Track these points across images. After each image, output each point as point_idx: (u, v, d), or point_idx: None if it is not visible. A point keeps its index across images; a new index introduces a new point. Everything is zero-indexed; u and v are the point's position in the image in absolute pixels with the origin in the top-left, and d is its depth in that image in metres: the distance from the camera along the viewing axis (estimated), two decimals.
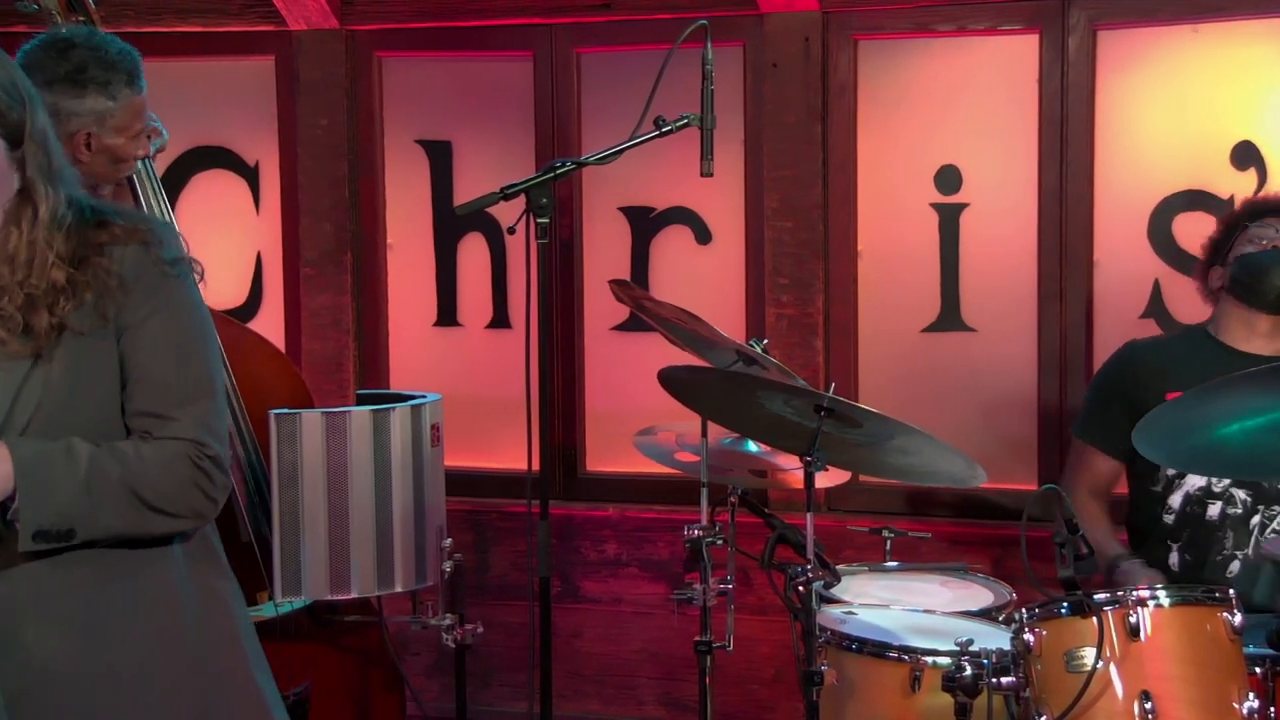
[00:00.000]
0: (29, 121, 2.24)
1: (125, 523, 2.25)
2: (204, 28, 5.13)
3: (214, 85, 5.21)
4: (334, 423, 3.49)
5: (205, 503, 2.32)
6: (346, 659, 3.73)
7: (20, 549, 2.18)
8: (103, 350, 2.26)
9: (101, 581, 2.26)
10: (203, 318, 2.38)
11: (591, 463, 5.07)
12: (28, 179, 2.25)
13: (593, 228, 5.03)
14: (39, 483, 2.16)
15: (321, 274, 5.12)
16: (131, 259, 2.29)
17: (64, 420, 2.22)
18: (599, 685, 4.97)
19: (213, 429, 2.33)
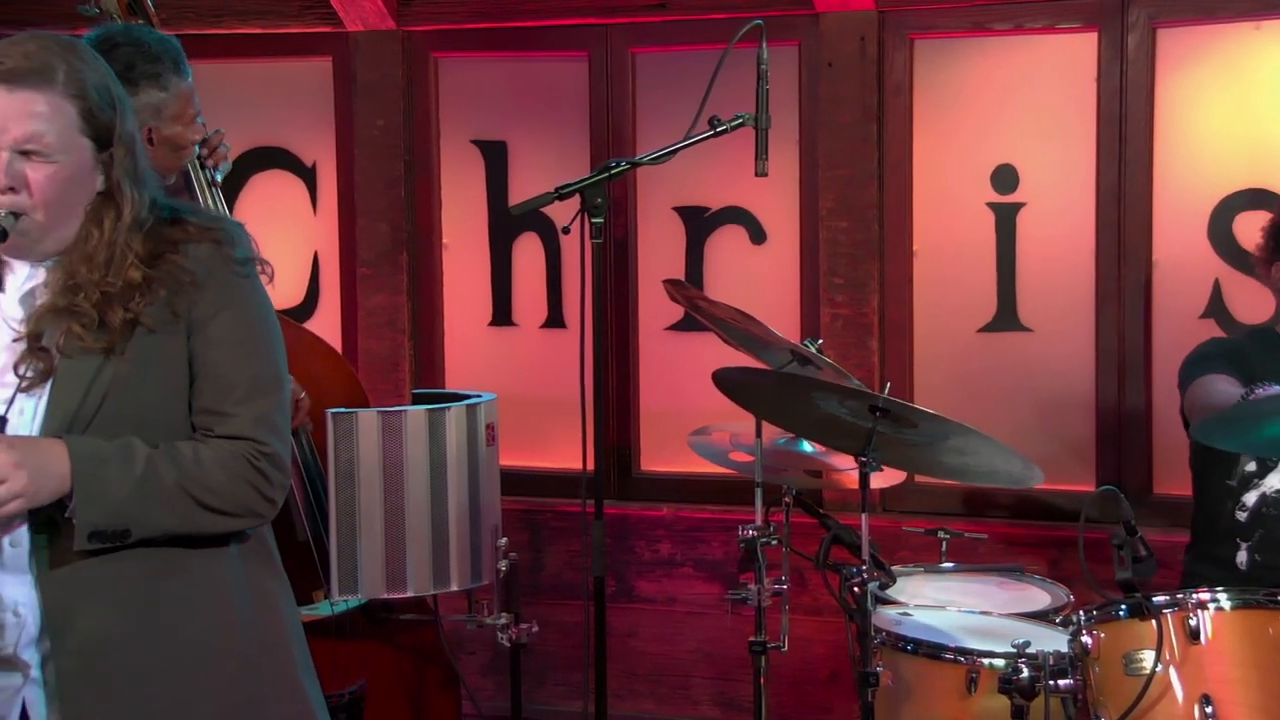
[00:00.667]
0: (118, 124, 2.28)
1: (180, 522, 2.27)
2: (263, 29, 5.17)
3: (272, 86, 5.25)
4: (390, 422, 3.51)
5: (262, 502, 2.34)
6: (402, 657, 3.75)
7: (76, 548, 2.20)
8: (172, 346, 2.29)
9: (157, 577, 2.28)
10: (270, 317, 2.41)
11: (646, 462, 5.07)
12: (113, 180, 2.28)
13: (647, 227, 5.03)
14: (95, 483, 2.19)
15: (378, 274, 5.14)
16: (205, 257, 2.32)
17: (131, 414, 2.25)
18: (653, 685, 4.97)
19: (274, 427, 2.35)
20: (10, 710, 2.25)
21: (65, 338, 2.23)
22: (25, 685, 2.25)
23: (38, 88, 2.20)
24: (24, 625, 2.23)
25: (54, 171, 2.22)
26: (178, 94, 3.06)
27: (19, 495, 2.14)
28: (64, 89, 2.22)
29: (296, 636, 2.50)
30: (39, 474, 2.15)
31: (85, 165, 2.26)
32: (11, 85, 2.19)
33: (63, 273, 2.26)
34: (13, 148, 2.19)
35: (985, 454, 3.24)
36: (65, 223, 2.26)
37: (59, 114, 2.22)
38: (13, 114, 2.19)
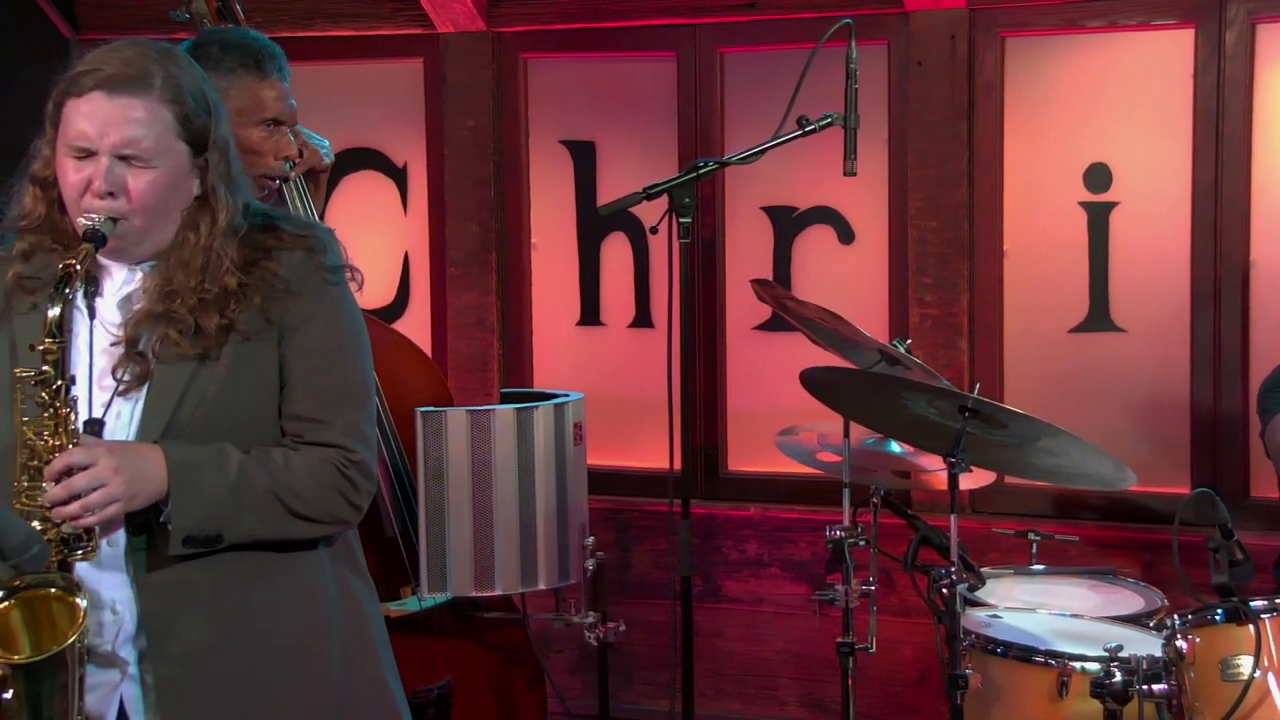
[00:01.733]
0: (213, 129, 2.31)
1: (270, 529, 2.30)
2: (355, 31, 5.22)
3: (364, 88, 5.30)
4: (478, 420, 3.53)
5: (348, 509, 2.37)
6: (490, 655, 3.77)
7: (170, 552, 2.24)
8: (265, 352, 2.32)
9: (249, 580, 2.31)
10: (358, 325, 2.43)
11: (733, 462, 5.06)
12: (208, 185, 2.31)
13: (735, 227, 5.02)
14: (190, 489, 2.22)
15: (467, 273, 5.18)
16: (297, 264, 2.34)
17: (224, 419, 2.28)
18: (740, 685, 4.97)
19: (362, 435, 2.37)
20: (109, 706, 2.28)
21: (161, 343, 2.26)
22: (122, 682, 2.29)
23: (136, 94, 2.23)
24: (121, 623, 2.27)
25: (153, 178, 2.25)
26: (243, 89, 3.01)
27: (117, 500, 2.17)
28: (161, 94, 2.25)
29: (382, 638, 2.52)
30: (137, 479, 2.19)
31: (182, 170, 2.29)
32: (111, 92, 2.22)
33: (160, 278, 2.29)
34: (112, 153, 2.22)
35: (1076, 455, 3.21)
36: (162, 227, 2.29)
37: (156, 119, 2.25)
38: (112, 120, 2.22)
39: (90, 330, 2.28)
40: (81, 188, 2.23)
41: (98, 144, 2.22)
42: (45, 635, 2.14)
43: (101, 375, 2.28)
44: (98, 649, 2.26)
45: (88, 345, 2.28)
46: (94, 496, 2.15)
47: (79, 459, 2.15)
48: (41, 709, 2.14)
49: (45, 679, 2.13)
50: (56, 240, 2.31)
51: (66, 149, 2.24)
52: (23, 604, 2.14)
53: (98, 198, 2.23)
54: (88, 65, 2.25)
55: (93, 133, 2.22)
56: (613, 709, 4.03)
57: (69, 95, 2.25)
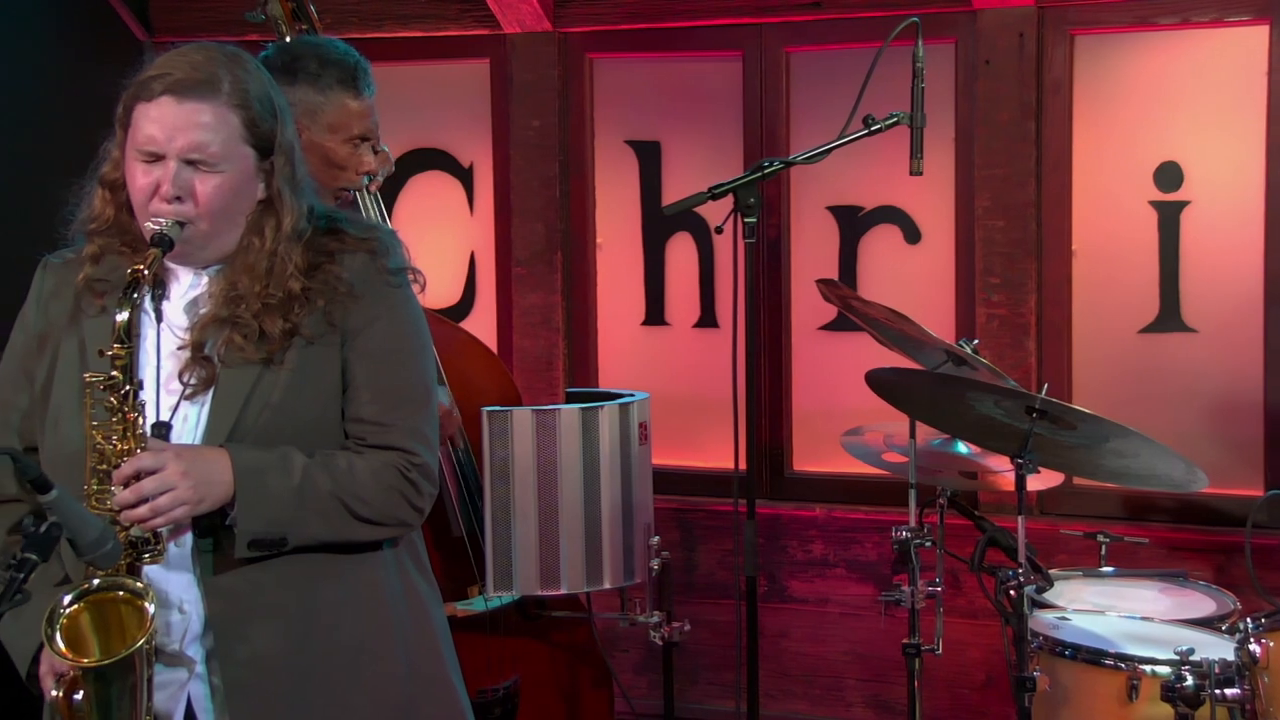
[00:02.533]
0: (279, 133, 2.32)
1: (333, 531, 2.31)
2: (423, 33, 5.25)
3: (431, 89, 5.33)
4: (544, 420, 3.54)
5: (410, 512, 2.38)
6: (556, 654, 3.78)
7: (236, 555, 2.26)
8: (328, 356, 2.33)
9: (314, 581, 2.33)
10: (421, 328, 2.44)
11: (798, 462, 5.05)
12: (273, 189, 2.32)
13: (801, 227, 5.01)
14: (256, 492, 2.24)
15: (532, 273, 5.20)
16: (360, 267, 2.36)
17: (288, 422, 2.30)
18: (806, 685, 4.95)
19: (423, 437, 2.38)
20: (177, 705, 2.31)
21: (226, 347, 2.28)
22: (190, 681, 2.31)
23: (204, 98, 2.25)
24: (188, 623, 2.29)
25: (220, 182, 2.26)
26: (339, 106, 3.05)
27: (185, 503, 2.19)
28: (228, 99, 2.27)
29: (446, 638, 2.53)
30: (204, 483, 2.21)
31: (248, 174, 2.30)
32: (179, 96, 2.24)
33: (225, 283, 2.31)
34: (179, 157, 2.24)
35: (1146, 457, 3.17)
36: (228, 231, 2.31)
37: (223, 124, 2.26)
38: (180, 124, 2.24)
39: (158, 334, 2.31)
40: (149, 191, 2.25)
41: (166, 148, 2.24)
42: (114, 638, 2.17)
43: (168, 379, 2.30)
44: (165, 648, 2.28)
45: (155, 349, 2.30)
46: (162, 500, 2.17)
47: (147, 463, 2.18)
48: (111, 711, 2.16)
49: (114, 681, 2.16)
50: (124, 243, 2.33)
51: (135, 153, 2.26)
52: (92, 607, 2.17)
53: (165, 202, 2.25)
54: (157, 70, 2.27)
55: (161, 137, 2.24)
56: (678, 708, 4.03)
57: (138, 99, 2.27)
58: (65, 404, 2.28)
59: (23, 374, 2.38)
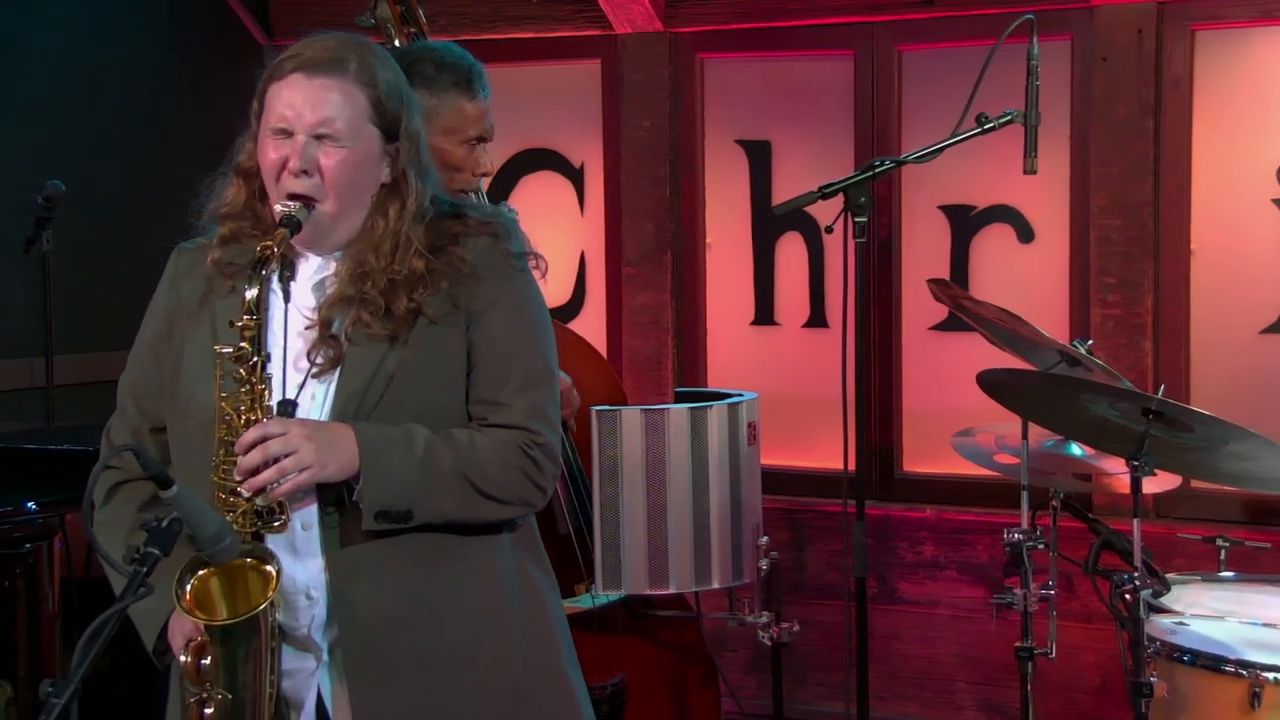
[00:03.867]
0: (405, 118, 2.38)
1: (458, 507, 2.34)
2: (535, 34, 5.29)
3: (543, 89, 5.37)
4: (653, 419, 3.55)
5: (533, 490, 2.39)
6: (663, 653, 3.79)
7: (364, 527, 2.29)
8: (452, 336, 2.36)
9: (434, 561, 2.35)
10: (542, 310, 2.47)
11: (909, 463, 5.02)
12: (398, 171, 2.38)
13: (912, 226, 4.98)
14: (381, 463, 2.27)
15: (642, 273, 5.21)
16: (483, 249, 2.39)
17: (412, 400, 2.33)
18: (916, 688, 4.92)
19: (545, 417, 2.40)
20: (308, 692, 2.35)
21: (353, 326, 2.33)
22: (318, 668, 2.35)
23: (332, 75, 2.32)
24: (315, 608, 2.33)
25: (344, 156, 2.32)
26: (454, 109, 3.08)
27: (309, 466, 2.23)
28: (356, 78, 2.33)
29: (561, 628, 2.54)
30: (327, 449, 2.24)
31: (373, 153, 2.35)
32: (309, 73, 2.32)
33: (351, 261, 2.35)
34: (308, 133, 2.30)
35: (1268, 460, 3.11)
36: (353, 212, 2.36)
37: (350, 101, 2.32)
38: (309, 100, 2.31)
39: (286, 314, 2.35)
40: (279, 166, 2.31)
41: (295, 124, 2.30)
42: (240, 601, 2.22)
43: (297, 358, 2.34)
44: (293, 633, 2.32)
45: (283, 329, 2.34)
46: (287, 462, 2.21)
47: (272, 429, 2.22)
48: (237, 673, 2.21)
49: (240, 643, 2.21)
50: (255, 227, 2.39)
51: (267, 131, 2.33)
52: (222, 573, 2.21)
53: (293, 175, 2.31)
54: (290, 52, 2.36)
55: (291, 114, 2.31)
56: (787, 709, 4.02)
57: (272, 80, 2.35)
58: (198, 378, 2.33)
59: (152, 354, 2.44)
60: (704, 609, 3.82)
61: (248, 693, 2.22)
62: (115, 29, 5.23)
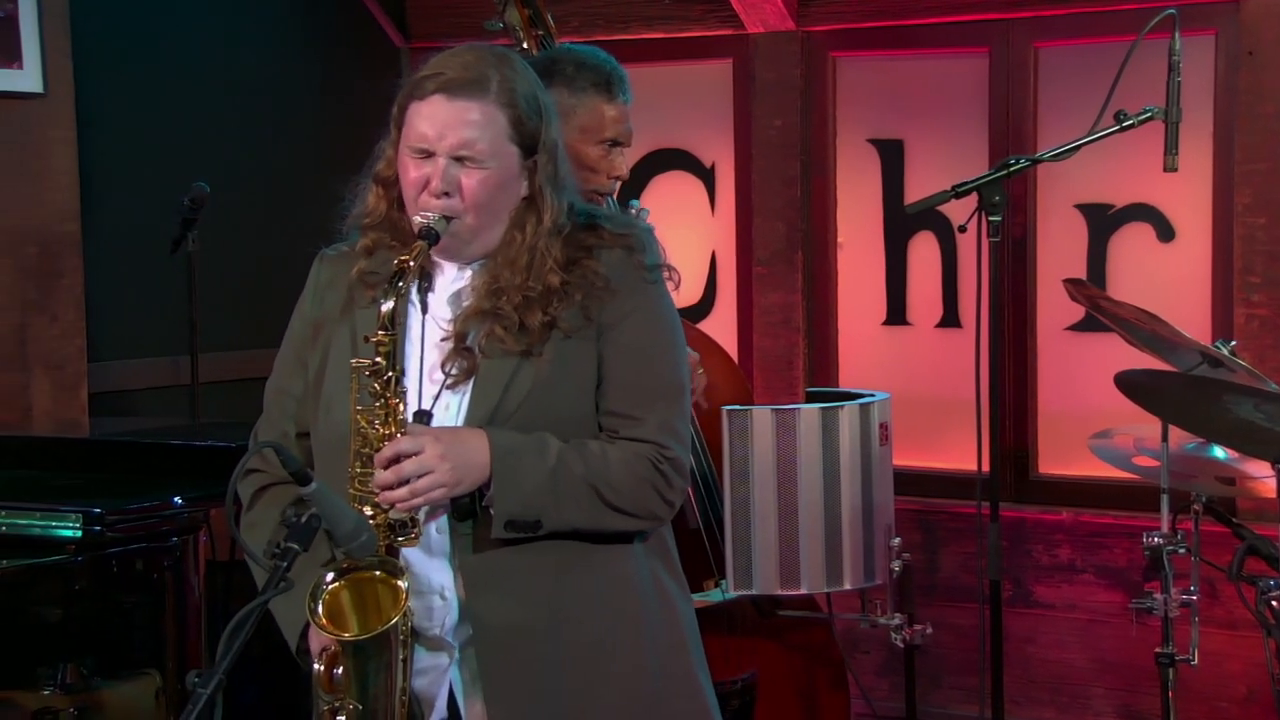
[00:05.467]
0: (544, 132, 2.38)
1: (586, 518, 2.34)
2: (667, 34, 5.31)
3: (674, 89, 5.38)
4: (783, 419, 3.55)
5: (661, 505, 2.40)
6: (792, 653, 3.79)
7: (493, 535, 2.31)
8: (584, 349, 2.37)
9: (566, 569, 2.36)
10: (674, 323, 2.47)
11: (1044, 465, 4.95)
12: (535, 186, 2.38)
13: (1047, 225, 4.91)
14: (512, 473, 2.29)
15: (773, 273, 5.21)
16: (616, 262, 2.39)
17: (544, 413, 2.34)
18: (1053, 693, 4.86)
19: (675, 432, 2.40)
20: (439, 690, 2.38)
21: (487, 339, 2.34)
22: (450, 666, 2.37)
23: (473, 97, 2.31)
24: (448, 609, 2.35)
25: (485, 177, 2.33)
26: (592, 109, 3.10)
27: (443, 485, 2.25)
28: (496, 98, 2.33)
29: (693, 634, 2.54)
30: (462, 465, 2.26)
31: (512, 172, 2.36)
32: (450, 95, 2.31)
33: (488, 276, 2.36)
34: (449, 154, 2.31)
35: None
36: (491, 227, 2.37)
37: (491, 122, 2.32)
38: (451, 122, 2.31)
39: (423, 325, 2.38)
40: (420, 186, 2.33)
41: (436, 145, 2.31)
42: (371, 615, 2.24)
43: (432, 369, 2.37)
44: (426, 632, 2.35)
45: (420, 340, 2.37)
46: (420, 482, 2.23)
47: (406, 446, 2.24)
48: (368, 685, 2.24)
49: (371, 657, 2.24)
50: (395, 237, 2.40)
51: (407, 149, 2.34)
52: (352, 585, 2.25)
53: (434, 196, 2.32)
54: (430, 70, 2.35)
55: (432, 134, 2.31)
56: (920, 712, 4.00)
57: (412, 98, 2.35)
58: (336, 390, 2.37)
59: (298, 361, 2.48)
60: (835, 610, 3.81)
61: (379, 704, 2.25)
62: (256, 33, 5.35)
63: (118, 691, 3.08)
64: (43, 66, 4.41)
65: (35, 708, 2.95)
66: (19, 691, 2.95)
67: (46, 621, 3.01)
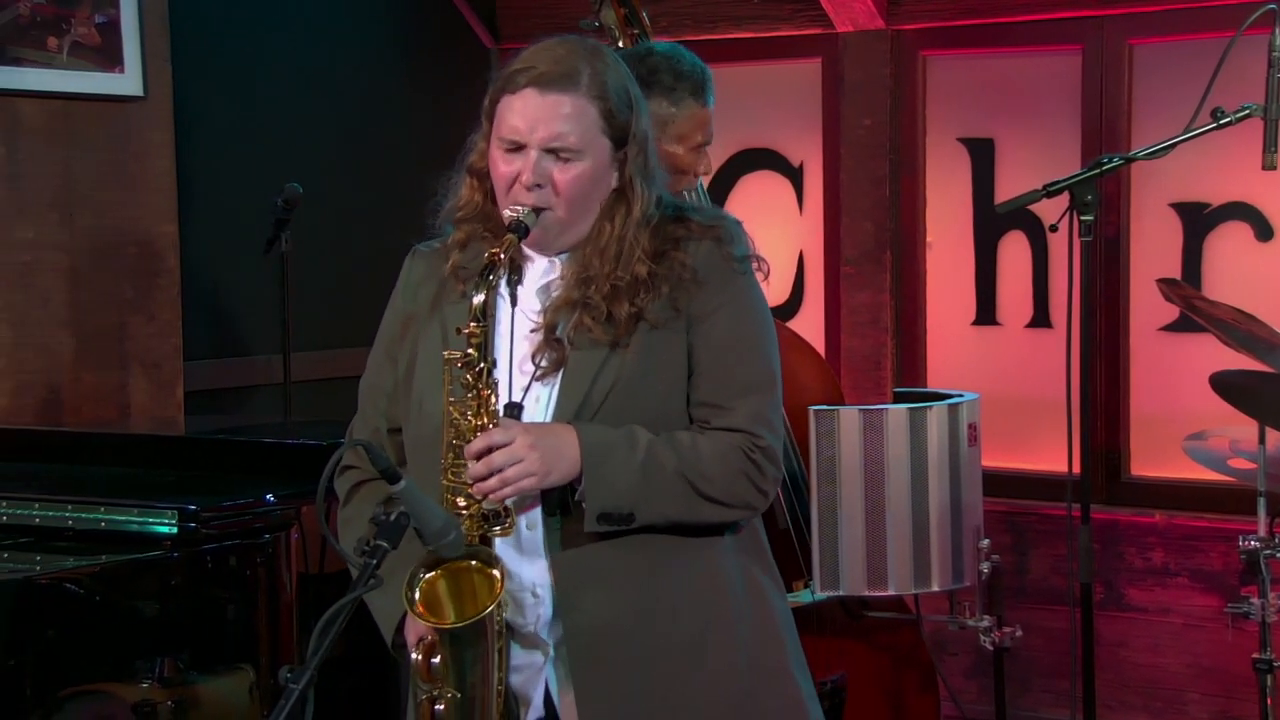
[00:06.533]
0: (634, 124, 2.39)
1: (679, 510, 2.35)
2: (755, 33, 5.30)
3: (762, 88, 5.38)
4: (871, 420, 3.54)
5: (755, 494, 2.39)
6: (880, 655, 3.77)
7: (586, 529, 2.32)
8: (673, 341, 2.38)
9: (657, 564, 2.37)
10: (765, 314, 2.47)
11: (1136, 467, 4.90)
12: (626, 178, 2.39)
13: (1141, 225, 4.85)
14: (603, 467, 2.30)
15: (861, 272, 5.19)
16: (705, 254, 2.40)
17: (632, 405, 2.35)
18: (1146, 698, 4.80)
19: (768, 422, 2.40)
20: (535, 687, 2.40)
21: (575, 330, 2.35)
22: (545, 664, 2.39)
23: (564, 90, 2.33)
24: (542, 605, 2.37)
25: (577, 171, 2.34)
26: (689, 116, 3.12)
27: (533, 474, 2.26)
28: (587, 91, 2.34)
29: (788, 629, 2.53)
30: (552, 456, 2.28)
31: (603, 164, 2.37)
32: (542, 88, 2.33)
33: (577, 266, 2.38)
34: (540, 147, 2.33)
35: None
36: (582, 219, 2.38)
37: (582, 115, 2.34)
38: (542, 116, 2.32)
39: (512, 317, 2.39)
40: (511, 179, 2.34)
41: (528, 138, 2.33)
42: (468, 604, 2.27)
43: (522, 361, 2.38)
44: (521, 629, 2.37)
45: (509, 332, 2.38)
46: (510, 471, 2.25)
47: (498, 438, 2.25)
48: (465, 673, 2.26)
49: (468, 646, 2.26)
50: (488, 229, 2.42)
51: (499, 142, 2.36)
52: (448, 575, 2.27)
53: (526, 189, 2.33)
54: (522, 63, 2.37)
55: (524, 127, 2.33)
56: (1009, 716, 3.96)
57: (504, 91, 2.36)
58: (428, 384, 2.39)
59: (388, 357, 2.51)
60: (923, 611, 3.79)
61: (476, 692, 2.28)
62: (347, 34, 5.41)
63: (213, 686, 3.13)
64: (143, 70, 4.49)
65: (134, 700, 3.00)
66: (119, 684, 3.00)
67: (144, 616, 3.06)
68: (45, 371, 4.36)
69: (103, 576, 3.00)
